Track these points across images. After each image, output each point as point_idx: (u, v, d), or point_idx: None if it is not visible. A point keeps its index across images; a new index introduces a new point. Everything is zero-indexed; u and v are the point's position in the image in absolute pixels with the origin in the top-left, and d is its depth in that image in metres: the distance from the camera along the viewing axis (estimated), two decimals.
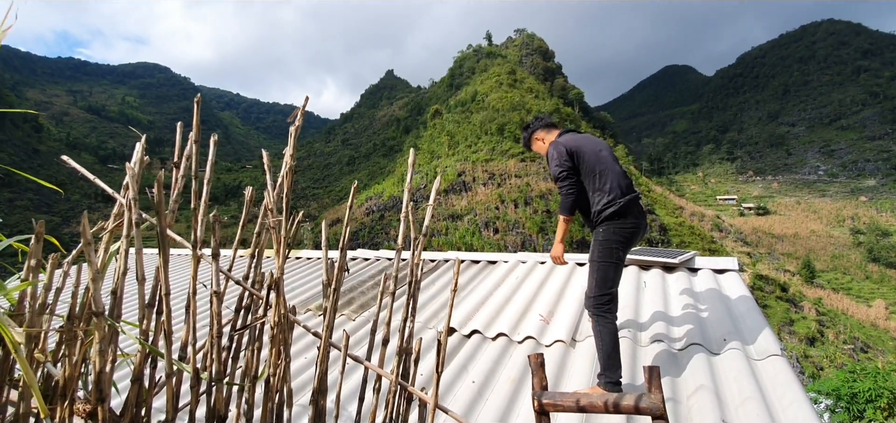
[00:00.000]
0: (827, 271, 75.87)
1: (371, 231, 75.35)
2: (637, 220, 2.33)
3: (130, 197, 1.00)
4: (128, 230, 0.99)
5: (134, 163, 1.06)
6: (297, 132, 1.17)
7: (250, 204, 1.25)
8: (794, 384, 1.98)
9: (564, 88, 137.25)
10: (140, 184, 1.06)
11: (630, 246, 2.35)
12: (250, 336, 1.17)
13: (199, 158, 1.12)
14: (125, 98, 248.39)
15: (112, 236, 1.10)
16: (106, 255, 1.05)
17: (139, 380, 1.00)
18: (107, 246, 1.07)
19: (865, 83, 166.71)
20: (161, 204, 1.00)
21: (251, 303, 1.19)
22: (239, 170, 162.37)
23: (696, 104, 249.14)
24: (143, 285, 1.01)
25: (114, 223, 1.11)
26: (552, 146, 2.47)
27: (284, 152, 1.26)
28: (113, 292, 0.99)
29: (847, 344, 45.29)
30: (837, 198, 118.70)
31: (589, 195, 2.36)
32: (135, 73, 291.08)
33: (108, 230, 1.09)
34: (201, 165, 1.13)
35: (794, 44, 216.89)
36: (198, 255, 1.09)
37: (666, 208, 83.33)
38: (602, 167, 2.34)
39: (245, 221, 1.29)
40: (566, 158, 2.36)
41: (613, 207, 2.25)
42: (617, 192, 2.28)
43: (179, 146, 1.20)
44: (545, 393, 1.69)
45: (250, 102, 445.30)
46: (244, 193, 1.39)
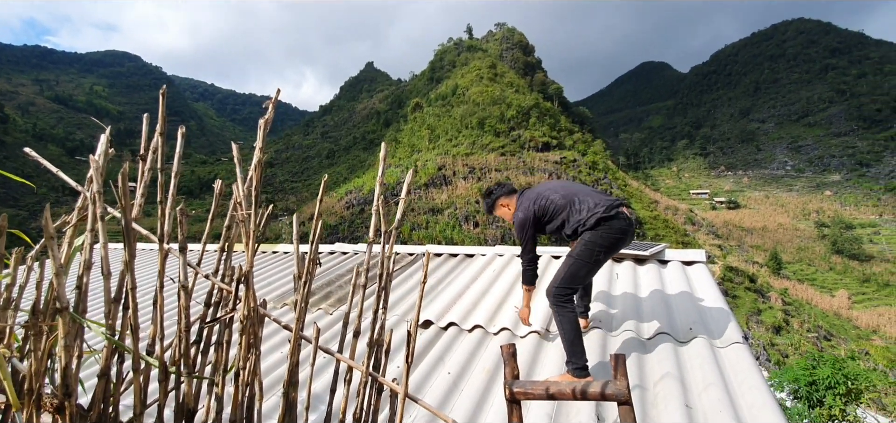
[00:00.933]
0: (793, 263, 78.93)
1: (351, 225, 74.74)
2: (624, 226, 2.35)
3: (94, 190, 0.98)
4: (92, 224, 0.98)
5: (98, 155, 1.03)
6: (267, 125, 1.16)
7: (220, 197, 1.25)
8: (754, 371, 2.07)
9: (544, 82, 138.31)
10: (105, 177, 1.04)
11: (613, 252, 2.38)
12: (220, 330, 1.16)
13: (165, 151, 1.10)
14: (93, 87, 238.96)
15: (76, 231, 1.09)
16: (70, 249, 1.03)
17: (106, 375, 0.99)
18: (71, 240, 1.05)
19: (833, 81, 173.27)
20: (126, 197, 0.99)
21: (221, 298, 1.18)
22: (214, 163, 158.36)
23: (672, 100, 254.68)
24: (108, 280, 0.99)
25: (78, 217, 1.09)
26: (519, 212, 2.55)
27: (256, 146, 1.27)
28: (78, 287, 0.97)
29: (811, 332, 47.30)
30: (804, 192, 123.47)
31: (567, 222, 2.41)
32: (104, 61, 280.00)
33: (71, 224, 1.07)
34: (168, 158, 1.11)
35: (766, 42, 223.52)
36: (165, 249, 1.07)
37: (641, 202, 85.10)
38: (576, 197, 2.42)
39: (214, 214, 1.28)
40: (531, 226, 2.47)
41: (598, 214, 2.30)
42: (600, 203, 2.34)
43: (146, 138, 1.18)
44: (516, 382, 1.73)
45: (226, 93, 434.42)
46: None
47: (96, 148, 1.10)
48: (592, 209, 2.33)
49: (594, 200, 2.37)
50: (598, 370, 2.31)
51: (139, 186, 1.09)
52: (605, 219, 2.29)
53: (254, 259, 1.09)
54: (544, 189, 2.55)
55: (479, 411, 2.08)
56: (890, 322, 55.98)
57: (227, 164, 8.96)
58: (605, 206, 2.32)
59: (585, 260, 2.30)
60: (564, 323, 2.24)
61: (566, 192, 2.47)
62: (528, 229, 2.47)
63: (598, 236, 2.29)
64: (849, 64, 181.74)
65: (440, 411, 2.07)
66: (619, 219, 2.32)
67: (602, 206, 2.32)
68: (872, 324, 56.15)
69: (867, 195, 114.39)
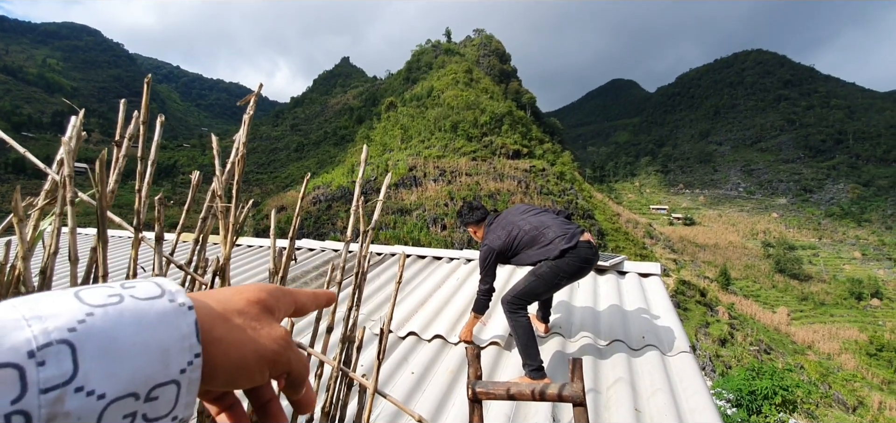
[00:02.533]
0: (740, 279, 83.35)
1: (317, 221, 73.38)
2: (589, 255, 2.45)
3: (66, 174, 0.94)
4: (61, 208, 0.94)
5: (70, 138, 0.98)
6: (250, 120, 1.16)
7: (196, 190, 1.25)
8: (698, 378, 2.23)
9: (519, 91, 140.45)
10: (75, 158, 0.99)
11: (575, 278, 2.49)
12: None
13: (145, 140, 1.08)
14: (46, 60, 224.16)
15: (41, 214, 1.05)
16: (35, 232, 1.00)
17: None
18: (35, 223, 1.01)
19: (784, 111, 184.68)
20: (103, 184, 0.96)
21: (194, 289, 1.17)
22: (175, 148, 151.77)
23: (638, 118, 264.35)
24: (75, 265, 0.95)
25: (45, 200, 1.05)
26: (485, 242, 2.64)
27: (235, 138, 1.27)
28: (42, 272, 0.92)
29: (753, 346, 50.05)
30: (753, 213, 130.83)
31: (529, 254, 2.51)
32: (60, 33, 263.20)
33: (37, 208, 1.03)
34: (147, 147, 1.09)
35: (727, 69, 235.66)
36: (139, 238, 1.06)
37: (605, 214, 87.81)
38: (543, 229, 2.51)
39: (190, 206, 1.29)
40: (494, 260, 2.57)
41: (561, 246, 2.40)
42: (565, 235, 2.45)
43: (122, 124, 1.21)
44: (479, 382, 1.81)
45: (192, 76, 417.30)
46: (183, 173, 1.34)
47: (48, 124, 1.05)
48: (555, 240, 2.44)
49: (560, 230, 2.48)
50: (556, 373, 2.42)
51: (113, 172, 1.06)
52: (569, 249, 2.40)
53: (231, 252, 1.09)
54: (514, 218, 2.63)
55: (442, 409, 2.14)
56: (823, 339, 60.02)
57: (190, 150, 8.71)
58: (569, 236, 2.44)
59: (547, 281, 2.42)
60: (518, 329, 2.36)
61: (535, 223, 2.55)
62: (490, 261, 2.56)
63: (564, 264, 2.41)
64: (799, 96, 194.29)
65: (405, 405, 2.13)
66: (581, 248, 2.43)
67: (565, 237, 2.44)
68: (808, 340, 60.02)
69: (809, 219, 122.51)
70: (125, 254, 5.42)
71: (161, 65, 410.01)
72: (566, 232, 2.46)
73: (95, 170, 0.95)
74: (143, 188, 1.07)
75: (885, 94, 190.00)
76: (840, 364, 51.69)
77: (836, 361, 52.94)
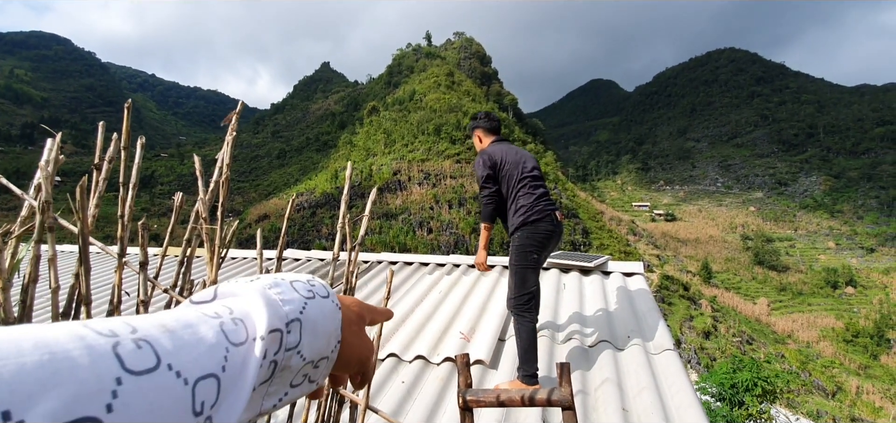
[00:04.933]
0: (722, 272, 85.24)
1: (301, 228, 72.55)
2: (550, 227, 2.52)
3: (43, 200, 0.93)
4: (39, 235, 0.92)
5: (47, 162, 0.97)
6: (234, 141, 1.15)
7: (179, 210, 1.24)
8: (682, 375, 2.28)
9: (500, 93, 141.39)
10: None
11: (545, 250, 2.55)
12: None
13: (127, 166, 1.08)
14: (14, 71, 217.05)
15: (18, 241, 1.03)
16: (12, 260, 0.99)
17: None
18: (13, 250, 1.00)
19: (758, 107, 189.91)
20: (84, 211, 0.96)
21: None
22: (152, 158, 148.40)
23: (618, 117, 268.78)
24: (56, 294, 0.93)
25: (22, 228, 1.03)
26: (480, 153, 2.65)
27: (218, 156, 1.26)
28: (22, 301, 0.92)
29: (736, 337, 51.19)
30: (731, 207, 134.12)
31: (507, 206, 2.56)
32: (27, 43, 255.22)
33: (14, 235, 1.01)
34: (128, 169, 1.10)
35: (701, 68, 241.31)
36: (123, 263, 1.05)
37: (588, 213, 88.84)
38: (521, 184, 2.54)
39: (174, 225, 1.27)
40: (488, 167, 2.55)
41: (526, 216, 2.48)
42: (529, 206, 2.49)
43: (100, 147, 1.13)
44: (469, 390, 1.82)
45: (168, 84, 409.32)
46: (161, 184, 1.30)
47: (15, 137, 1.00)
48: (523, 211, 2.50)
49: (527, 198, 2.52)
50: (544, 376, 2.44)
51: (93, 197, 1.05)
52: (528, 222, 2.47)
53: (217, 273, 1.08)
54: (508, 151, 2.61)
55: (433, 419, 2.15)
56: (802, 328, 61.74)
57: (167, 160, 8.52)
58: (531, 211, 2.49)
59: (524, 263, 2.46)
60: (523, 331, 2.37)
61: (519, 170, 2.57)
62: (486, 166, 2.56)
63: (527, 239, 2.47)
64: (771, 92, 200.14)
65: (395, 419, 2.12)
66: (543, 222, 2.49)
67: (528, 211, 2.49)
68: (788, 329, 61.67)
69: (784, 212, 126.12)
70: (108, 269, 5.28)
71: (136, 73, 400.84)
72: (530, 206, 2.51)
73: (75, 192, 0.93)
74: (125, 214, 1.06)
75: (852, 88, 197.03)
76: (818, 352, 53.27)
77: (815, 348, 54.55)
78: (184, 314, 0.31)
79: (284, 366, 0.34)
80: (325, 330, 0.38)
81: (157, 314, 0.29)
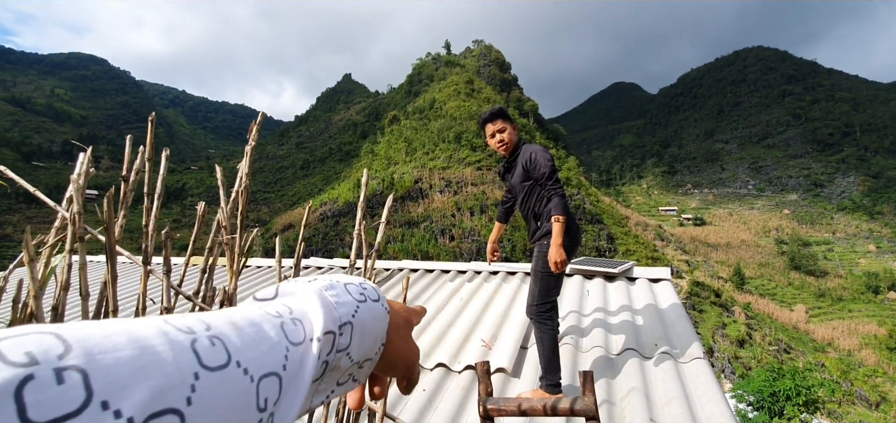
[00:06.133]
0: (755, 278, 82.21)
1: (325, 237, 73.66)
2: (577, 233, 2.50)
3: (75, 211, 0.98)
4: (71, 245, 0.97)
5: (79, 175, 1.03)
6: (252, 151, 1.17)
7: (202, 220, 1.26)
8: (713, 384, 2.19)
9: (520, 99, 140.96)
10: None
11: (572, 257, 2.51)
12: None
13: (151, 177, 1.13)
14: (54, 90, 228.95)
15: (52, 250, 1.08)
16: (46, 269, 1.03)
17: None
18: (47, 260, 1.05)
19: (789, 106, 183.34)
20: (111, 221, 1.01)
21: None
22: (183, 171, 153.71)
23: (642, 120, 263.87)
24: (86, 301, 0.99)
25: (56, 237, 1.09)
26: (534, 146, 2.51)
27: (238, 167, 1.27)
28: (54, 308, 0.96)
29: (772, 345, 49.19)
30: (764, 210, 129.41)
31: (532, 210, 2.50)
32: (67, 63, 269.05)
33: (48, 244, 1.07)
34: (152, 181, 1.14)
35: (728, 68, 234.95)
36: (148, 271, 1.09)
37: (613, 218, 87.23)
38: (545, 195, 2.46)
39: (197, 235, 1.30)
40: (554, 159, 2.43)
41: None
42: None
43: (129, 159, 1.23)
44: (490, 399, 1.79)
45: (198, 100, 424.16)
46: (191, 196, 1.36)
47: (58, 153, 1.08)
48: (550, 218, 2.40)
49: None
50: (568, 385, 2.39)
51: (121, 208, 1.08)
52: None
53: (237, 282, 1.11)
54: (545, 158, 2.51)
55: None
56: (843, 335, 58.85)
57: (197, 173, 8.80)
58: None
59: (550, 270, 2.38)
60: (545, 339, 2.31)
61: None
62: (553, 161, 2.42)
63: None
64: (803, 90, 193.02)
65: None
66: (572, 229, 2.43)
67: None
68: (827, 337, 58.89)
69: (821, 214, 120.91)
70: (134, 279, 5.46)
71: (167, 90, 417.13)
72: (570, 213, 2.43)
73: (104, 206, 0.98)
74: (150, 224, 1.10)
75: (889, 85, 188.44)
76: (861, 360, 50.68)
77: (857, 357, 51.92)
78: (250, 312, 0.33)
79: (334, 366, 0.36)
80: (374, 332, 0.40)
81: (227, 311, 0.31)
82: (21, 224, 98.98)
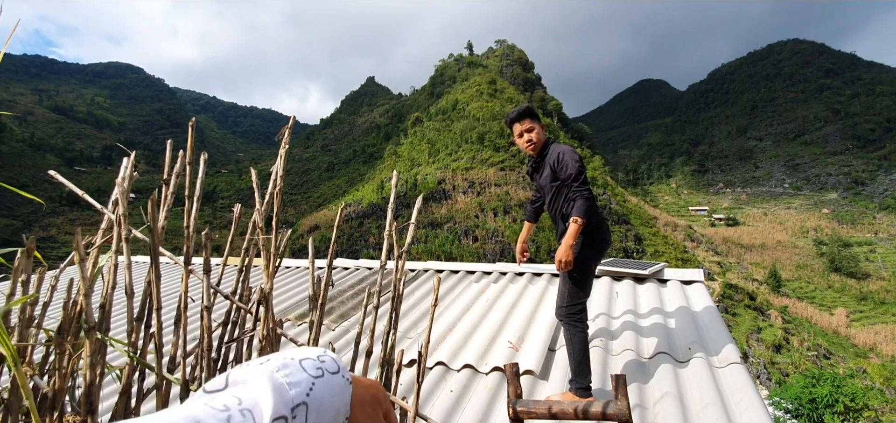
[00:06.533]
0: (792, 281, 78.88)
1: (350, 239, 74.65)
2: (606, 234, 2.46)
3: (121, 213, 1.03)
4: (117, 246, 1.02)
5: (123, 179, 1.08)
6: (286, 154, 1.20)
7: (238, 221, 1.28)
8: (751, 390, 2.11)
9: (544, 98, 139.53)
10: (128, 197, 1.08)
11: (600, 258, 2.47)
12: (237, 349, 1.20)
13: (191, 180, 1.16)
14: (94, 98, 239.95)
15: (99, 251, 1.13)
16: (94, 269, 1.07)
17: (127, 393, 1.03)
18: (94, 260, 1.09)
19: (828, 101, 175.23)
20: (155, 223, 1.05)
21: (239, 317, 1.23)
22: (214, 174, 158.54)
23: (670, 117, 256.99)
24: (131, 299, 1.04)
25: (103, 238, 1.14)
26: (561, 146, 2.48)
27: (271, 168, 1.30)
28: (102, 306, 1.00)
29: (811, 351, 47.10)
30: (801, 210, 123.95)
31: (563, 208, 2.46)
32: (106, 72, 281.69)
33: (96, 245, 1.12)
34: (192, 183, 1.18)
35: (761, 62, 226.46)
36: (189, 270, 1.13)
37: (641, 219, 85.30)
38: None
39: (234, 236, 1.34)
40: (582, 160, 2.39)
41: (590, 222, 2.34)
42: (595, 208, 2.39)
43: (169, 163, 1.24)
44: (519, 401, 1.78)
45: (227, 105, 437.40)
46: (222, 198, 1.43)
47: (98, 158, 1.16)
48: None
49: None
50: (598, 389, 2.34)
51: (162, 209, 1.13)
52: (589, 229, 2.34)
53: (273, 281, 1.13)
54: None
55: None
56: (886, 340, 55.84)
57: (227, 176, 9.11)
58: (593, 217, 2.36)
59: (581, 271, 2.35)
60: (575, 342, 2.28)
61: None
62: (581, 162, 2.37)
63: (586, 247, 2.35)
64: (842, 84, 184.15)
65: None
66: (602, 230, 2.41)
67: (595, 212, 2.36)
68: (870, 342, 56.01)
69: (863, 214, 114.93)
70: (175, 278, 5.67)
71: (199, 96, 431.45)
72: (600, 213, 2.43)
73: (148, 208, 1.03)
74: (190, 225, 1.13)
75: None
76: None
77: None
78: (192, 410, 0.32)
79: None
80: (334, 406, 0.39)
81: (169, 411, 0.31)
82: (65, 226, 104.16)
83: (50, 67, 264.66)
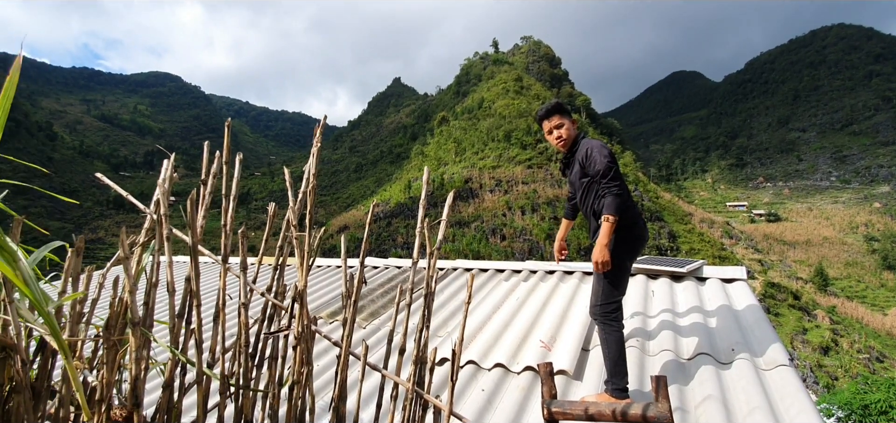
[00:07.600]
0: (841, 279, 74.67)
1: (378, 238, 75.56)
2: (643, 230, 2.37)
3: (162, 213, 1.09)
4: (159, 245, 1.08)
5: (163, 180, 1.12)
6: (318, 152, 1.22)
7: (273, 219, 1.30)
8: (802, 395, 1.99)
9: (571, 94, 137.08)
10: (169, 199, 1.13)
11: (636, 255, 2.39)
12: (274, 345, 1.22)
13: (228, 179, 1.20)
14: (137, 107, 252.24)
15: (143, 249, 1.16)
16: (138, 266, 1.11)
17: (170, 386, 1.07)
18: (138, 258, 1.13)
19: (878, 88, 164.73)
20: (194, 222, 1.09)
21: (274, 313, 1.25)
22: (247, 177, 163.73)
23: (705, 110, 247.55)
24: (173, 296, 1.08)
25: (146, 238, 1.17)
26: (592, 141, 2.41)
27: (304, 168, 1.31)
28: (145, 303, 1.05)
29: (862, 353, 44.45)
30: (850, 204, 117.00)
31: (594, 205, 2.38)
32: (147, 82, 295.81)
33: (139, 244, 1.15)
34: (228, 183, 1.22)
35: (804, 49, 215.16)
36: (226, 268, 1.17)
37: (675, 215, 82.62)
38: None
39: (268, 235, 1.37)
40: (613, 157, 2.31)
41: (625, 218, 2.26)
42: (630, 203, 2.30)
43: (206, 164, 1.26)
44: (554, 401, 1.73)
45: (259, 110, 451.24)
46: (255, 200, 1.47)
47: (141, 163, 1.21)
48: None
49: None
50: (635, 391, 2.27)
51: (201, 209, 1.16)
52: (626, 225, 2.26)
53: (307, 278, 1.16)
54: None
55: None
56: None
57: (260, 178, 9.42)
58: (631, 209, 2.29)
59: (616, 269, 2.27)
60: (611, 341, 2.20)
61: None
62: (612, 153, 2.33)
63: (621, 243, 2.27)
64: (893, 70, 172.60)
65: None
66: (638, 226, 2.34)
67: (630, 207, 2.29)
68: None
69: None
70: (214, 275, 5.88)
71: (232, 102, 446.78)
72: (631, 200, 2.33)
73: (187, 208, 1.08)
74: (227, 223, 1.17)
75: None
76: None
77: None
78: None
79: None
80: None
81: None
82: (111, 228, 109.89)
83: (96, 79, 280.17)
